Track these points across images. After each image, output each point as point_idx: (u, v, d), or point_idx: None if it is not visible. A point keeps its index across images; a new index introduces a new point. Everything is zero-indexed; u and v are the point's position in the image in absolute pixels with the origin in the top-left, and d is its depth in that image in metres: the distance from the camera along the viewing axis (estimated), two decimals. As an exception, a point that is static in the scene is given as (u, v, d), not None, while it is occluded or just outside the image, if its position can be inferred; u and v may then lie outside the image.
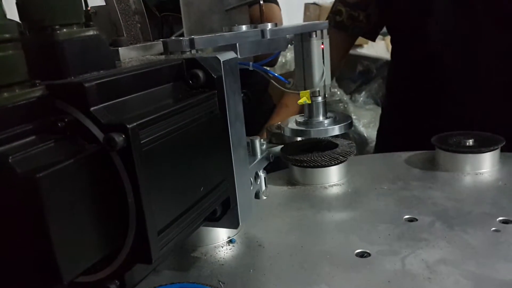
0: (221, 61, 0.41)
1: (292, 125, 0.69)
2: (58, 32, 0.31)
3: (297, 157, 0.67)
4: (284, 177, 0.71)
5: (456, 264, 0.44)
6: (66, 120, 0.30)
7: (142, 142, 0.30)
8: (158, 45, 0.48)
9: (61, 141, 0.29)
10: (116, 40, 0.46)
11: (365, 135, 2.51)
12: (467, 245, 0.48)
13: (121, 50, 0.44)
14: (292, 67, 0.74)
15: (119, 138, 0.29)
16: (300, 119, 0.70)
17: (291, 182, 0.69)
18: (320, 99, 0.67)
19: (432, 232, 0.51)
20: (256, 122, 1.12)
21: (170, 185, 0.34)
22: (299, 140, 0.73)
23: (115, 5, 0.47)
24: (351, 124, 0.68)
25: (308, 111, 0.68)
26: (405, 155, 0.76)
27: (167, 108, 0.34)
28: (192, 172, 0.37)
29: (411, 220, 0.54)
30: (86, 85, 0.30)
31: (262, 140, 0.71)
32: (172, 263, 0.50)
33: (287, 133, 0.69)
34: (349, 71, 3.07)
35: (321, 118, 0.68)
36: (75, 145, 0.29)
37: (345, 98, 2.82)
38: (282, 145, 0.71)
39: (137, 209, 0.31)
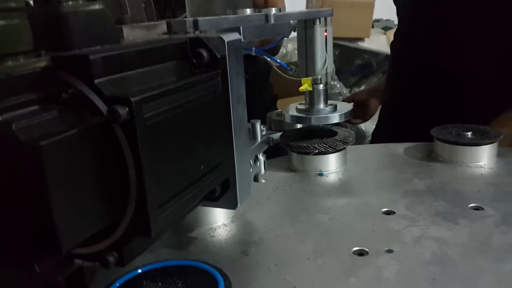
0: (226, 41, 0.41)
1: (292, 111, 0.70)
2: (64, 4, 0.31)
3: (296, 144, 0.67)
4: (283, 164, 0.71)
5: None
6: (70, 91, 0.30)
7: (145, 116, 0.31)
8: (162, 25, 0.48)
9: (65, 112, 0.29)
10: (120, 18, 0.46)
11: (363, 128, 2.52)
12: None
13: (125, 28, 0.44)
14: (293, 59, 0.74)
15: (123, 111, 0.29)
16: (300, 106, 0.70)
17: (289, 168, 0.69)
18: (321, 86, 0.67)
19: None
20: (257, 111, 1.12)
21: (171, 161, 0.34)
22: (299, 128, 0.73)
23: (119, -17, 0.47)
24: (351, 113, 0.68)
25: (309, 98, 0.69)
26: (403, 146, 0.76)
27: (171, 85, 0.34)
28: (193, 150, 0.37)
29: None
30: (91, 57, 0.30)
31: (262, 126, 0.71)
32: (169, 243, 0.51)
33: (287, 119, 0.69)
34: (349, 64, 3.07)
35: (321, 105, 0.68)
36: (79, 117, 0.30)
37: (344, 91, 2.82)
38: (282, 132, 0.71)
39: (138, 182, 0.31)
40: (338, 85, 2.84)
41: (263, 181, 0.54)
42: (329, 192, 0.62)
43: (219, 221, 0.54)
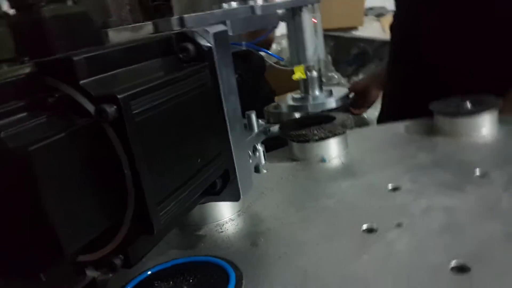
0: (211, 33, 0.41)
1: (288, 101, 0.69)
2: (44, 8, 0.31)
3: (295, 133, 0.67)
4: (284, 154, 0.71)
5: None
6: (56, 95, 0.30)
7: (134, 112, 0.30)
8: (148, 26, 0.48)
9: (53, 117, 0.29)
10: (105, 22, 0.45)
11: (364, 115, 2.51)
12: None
13: (110, 31, 0.44)
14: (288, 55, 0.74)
15: (111, 109, 0.29)
16: (296, 95, 0.70)
17: (291, 158, 0.69)
18: (315, 73, 0.67)
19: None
20: (254, 108, 1.12)
21: (166, 156, 0.34)
22: (297, 117, 0.73)
23: (101, -13, 0.47)
24: (347, 97, 0.68)
25: (303, 86, 0.68)
26: (404, 124, 0.76)
27: (158, 80, 0.34)
28: (188, 144, 0.37)
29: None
30: (75, 58, 0.29)
31: (260, 121, 0.71)
32: (178, 243, 0.50)
33: (284, 109, 0.68)
34: (345, 55, 3.06)
35: (317, 92, 0.68)
36: (67, 120, 0.29)
37: (342, 81, 2.81)
38: (280, 123, 0.71)
39: (134, 180, 0.31)
40: (336, 76, 2.83)
41: (265, 171, 0.53)
42: (333, 176, 0.61)
43: (225, 216, 0.54)
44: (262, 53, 1.03)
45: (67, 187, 0.28)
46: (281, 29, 0.71)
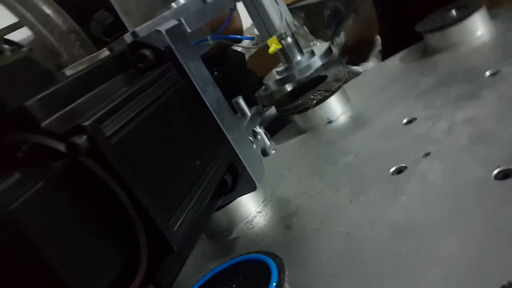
0: (163, 31, 0.39)
1: (274, 77, 0.67)
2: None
3: (292, 105, 0.64)
4: (290, 132, 0.68)
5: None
6: (23, 148, 0.28)
7: (107, 135, 0.28)
8: (104, 53, 0.46)
9: (27, 171, 0.27)
10: (59, 64, 0.43)
11: (361, 70, 2.47)
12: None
13: (67, 70, 0.42)
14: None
15: (81, 140, 0.26)
16: (279, 68, 0.67)
17: (298, 132, 0.66)
18: (289, 39, 0.64)
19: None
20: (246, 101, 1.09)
21: (160, 168, 0.31)
22: (289, 90, 0.70)
23: (44, 32, 0.44)
24: (330, 50, 0.65)
25: (283, 56, 0.65)
26: (397, 56, 0.72)
27: (123, 95, 0.32)
28: (179, 148, 0.34)
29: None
30: (27, 104, 0.27)
31: (255, 108, 0.69)
32: (213, 254, 0.48)
33: (273, 86, 0.66)
34: (319, 20, 3.01)
35: (298, 57, 0.65)
36: (43, 168, 0.27)
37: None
38: (275, 102, 0.69)
39: (135, 205, 0.28)
40: (318, 43, 2.79)
41: (273, 151, 0.51)
42: (345, 133, 0.58)
43: (252, 210, 0.51)
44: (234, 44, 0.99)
45: (65, 236, 0.26)
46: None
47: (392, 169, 0.43)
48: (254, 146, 0.46)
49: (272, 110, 0.74)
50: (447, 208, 0.34)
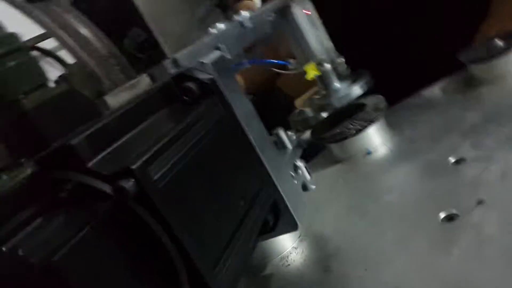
0: (208, 64, 0.37)
1: (311, 103, 0.65)
2: (24, 101, 0.28)
3: (329, 134, 0.62)
4: (325, 159, 0.66)
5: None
6: (67, 188, 0.26)
7: (155, 179, 0.26)
8: (145, 79, 0.45)
9: (71, 212, 0.26)
10: (99, 91, 0.42)
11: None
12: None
13: (107, 97, 0.41)
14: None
15: (129, 184, 0.25)
16: (317, 95, 0.65)
17: (334, 161, 0.64)
18: (328, 66, 0.62)
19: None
20: (273, 120, 1.08)
21: (205, 211, 0.30)
22: (326, 117, 0.68)
23: (84, 57, 0.44)
24: (370, 80, 0.63)
25: (321, 83, 0.64)
26: (437, 86, 0.70)
27: (170, 134, 0.30)
28: (224, 189, 0.33)
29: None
30: (73, 142, 0.26)
31: (289, 132, 0.67)
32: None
33: (309, 113, 0.64)
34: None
35: (337, 84, 0.64)
36: (87, 210, 0.26)
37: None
38: (311, 129, 0.67)
39: (180, 251, 0.27)
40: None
41: (313, 187, 0.49)
42: (385, 167, 0.56)
43: (287, 246, 0.49)
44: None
45: (108, 284, 0.25)
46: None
47: (442, 215, 0.40)
48: (295, 181, 0.45)
49: (306, 135, 0.72)
50: (507, 266, 0.32)
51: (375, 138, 0.62)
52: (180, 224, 0.27)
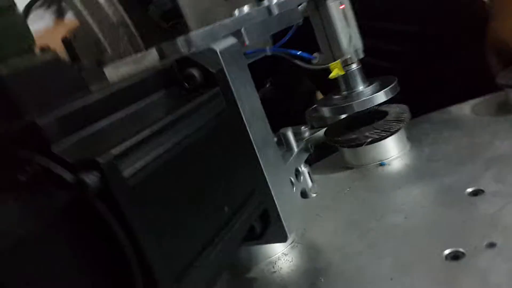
0: (218, 51, 0.34)
1: (330, 103, 0.61)
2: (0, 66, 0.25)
3: (344, 137, 0.58)
4: (336, 162, 0.62)
5: None
6: (28, 170, 0.24)
7: (125, 176, 0.24)
8: (152, 54, 0.42)
9: (24, 198, 0.23)
10: (100, 60, 0.40)
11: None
12: None
13: (106, 69, 0.38)
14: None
15: (92, 178, 0.22)
16: (337, 95, 0.61)
17: (344, 166, 0.60)
18: (354, 66, 0.58)
19: None
20: (295, 110, 1.04)
21: (180, 216, 0.27)
22: (344, 117, 0.64)
23: (90, 20, 0.41)
24: (396, 87, 0.58)
25: (344, 83, 0.60)
26: (468, 104, 0.65)
27: (157, 125, 0.27)
28: (209, 193, 0.30)
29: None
30: (39, 121, 0.23)
31: (303, 127, 0.63)
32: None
33: (327, 113, 0.60)
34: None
35: (361, 87, 0.59)
36: (43, 199, 0.23)
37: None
38: (325, 128, 0.63)
39: (139, 260, 0.24)
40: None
41: (314, 195, 0.45)
42: (397, 183, 0.52)
43: (277, 251, 0.46)
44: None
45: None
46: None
47: (447, 251, 0.37)
48: (294, 189, 0.41)
49: (320, 133, 0.68)
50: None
51: (392, 150, 0.58)
52: (146, 230, 0.24)
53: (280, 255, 0.46)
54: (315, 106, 0.66)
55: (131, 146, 0.25)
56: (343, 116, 0.64)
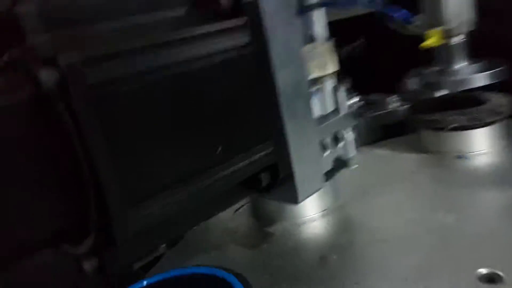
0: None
1: (422, 76, 0.54)
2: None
3: (429, 117, 0.51)
4: (411, 142, 0.55)
5: None
6: (4, 59, 0.23)
7: (90, 83, 0.22)
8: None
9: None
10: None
11: None
12: None
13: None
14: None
15: (48, 77, 0.21)
16: (433, 68, 0.54)
17: (419, 149, 0.53)
18: (457, 39, 0.50)
19: None
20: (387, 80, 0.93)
21: (152, 143, 0.25)
22: (435, 97, 0.56)
23: None
24: (504, 72, 0.49)
25: (442, 56, 0.52)
26: None
27: (155, 40, 0.25)
28: (199, 127, 0.27)
29: None
30: (18, 10, 0.22)
31: (391, 97, 0.58)
32: (241, 235, 0.43)
33: (414, 86, 0.53)
34: None
35: (461, 64, 0.51)
36: (10, 87, 0.23)
37: None
38: (412, 103, 0.56)
39: (92, 174, 0.23)
40: None
41: (355, 166, 0.41)
42: (468, 181, 0.45)
43: (306, 214, 0.43)
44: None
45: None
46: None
47: (483, 271, 0.30)
48: (326, 152, 0.37)
49: (404, 108, 0.61)
50: None
51: (479, 144, 0.50)
52: (103, 144, 0.23)
53: (308, 220, 0.43)
54: (406, 80, 0.59)
55: (110, 53, 0.23)
56: (438, 94, 0.56)
